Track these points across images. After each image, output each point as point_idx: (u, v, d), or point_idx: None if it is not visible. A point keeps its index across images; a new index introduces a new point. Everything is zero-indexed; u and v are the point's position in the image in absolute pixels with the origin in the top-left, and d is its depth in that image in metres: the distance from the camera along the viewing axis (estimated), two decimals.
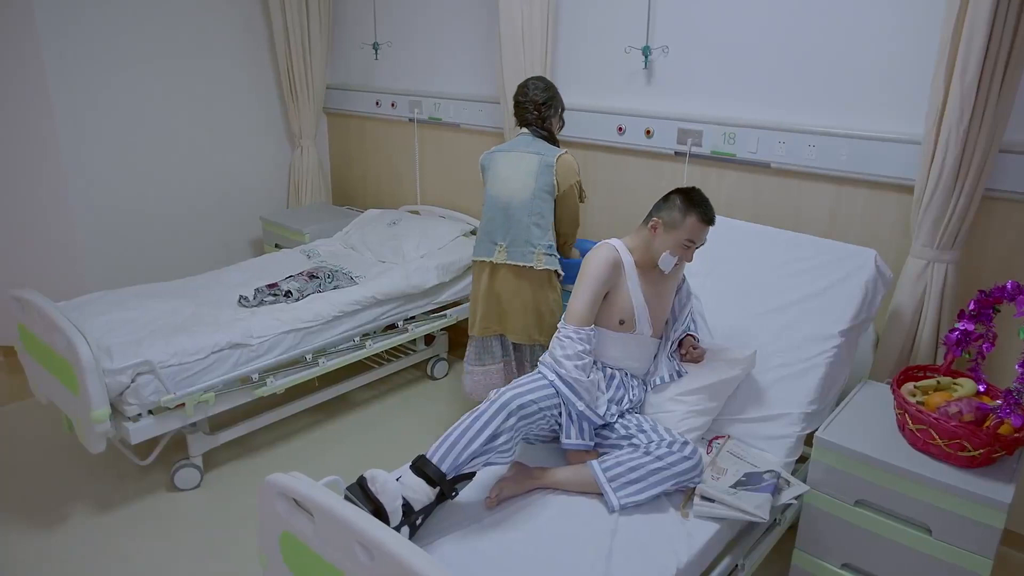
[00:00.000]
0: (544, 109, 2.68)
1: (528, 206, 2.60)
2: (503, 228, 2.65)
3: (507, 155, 2.66)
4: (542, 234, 2.61)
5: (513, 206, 2.62)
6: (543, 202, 2.61)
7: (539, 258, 2.60)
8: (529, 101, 2.67)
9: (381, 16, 3.87)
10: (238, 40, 4.02)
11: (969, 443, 1.73)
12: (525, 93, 2.69)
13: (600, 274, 2.03)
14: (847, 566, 1.93)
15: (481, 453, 1.75)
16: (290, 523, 1.59)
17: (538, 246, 2.60)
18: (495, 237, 2.67)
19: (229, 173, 4.13)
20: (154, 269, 3.75)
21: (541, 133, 2.69)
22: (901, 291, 2.29)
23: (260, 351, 2.69)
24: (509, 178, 2.63)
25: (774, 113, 2.60)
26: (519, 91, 2.71)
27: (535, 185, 2.59)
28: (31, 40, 3.27)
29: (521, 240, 2.62)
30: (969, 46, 1.95)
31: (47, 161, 3.44)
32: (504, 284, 2.67)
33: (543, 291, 2.64)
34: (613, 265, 2.04)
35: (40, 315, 2.45)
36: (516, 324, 2.68)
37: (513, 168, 2.63)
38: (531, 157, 2.61)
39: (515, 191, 2.62)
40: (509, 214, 2.63)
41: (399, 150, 4.03)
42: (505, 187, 2.64)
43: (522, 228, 2.61)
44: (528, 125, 2.70)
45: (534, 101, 2.67)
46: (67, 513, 2.54)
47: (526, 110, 2.69)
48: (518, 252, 2.62)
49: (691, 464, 1.86)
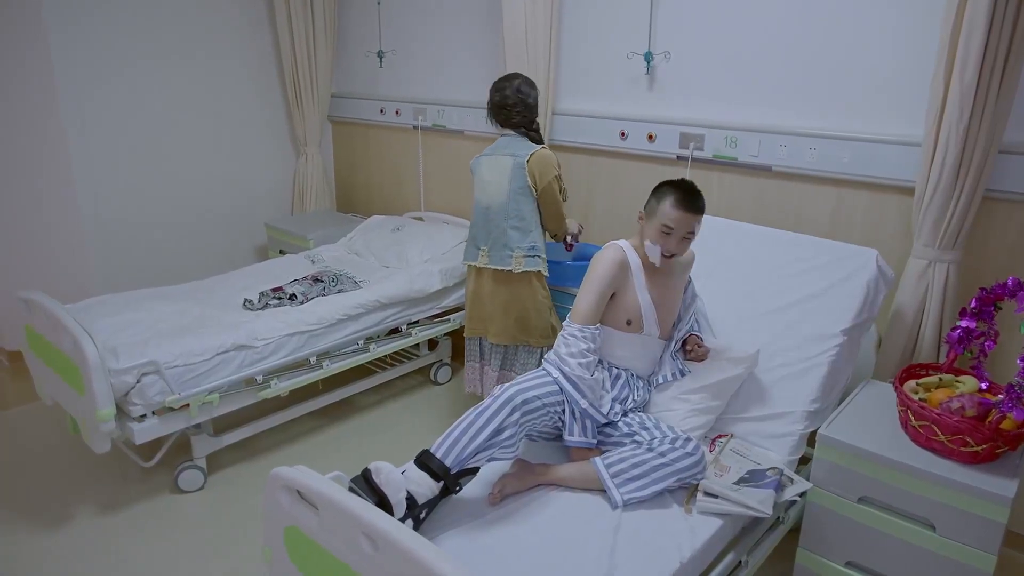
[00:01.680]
0: (533, 111, 2.69)
1: (504, 209, 2.62)
2: (484, 232, 2.69)
3: (488, 159, 2.69)
4: (521, 236, 2.63)
5: (492, 210, 2.65)
6: (520, 203, 2.61)
7: (518, 261, 2.63)
8: (520, 103, 2.66)
9: (386, 24, 3.92)
10: (244, 48, 4.06)
11: (972, 438, 1.73)
12: (517, 94, 2.64)
13: (606, 274, 2.04)
14: (851, 564, 1.93)
15: (485, 448, 1.75)
16: (295, 516, 1.59)
17: (516, 249, 2.62)
18: (478, 242, 2.73)
19: (234, 179, 4.17)
20: (159, 274, 3.77)
21: (528, 134, 2.69)
22: (903, 291, 2.29)
23: (265, 353, 2.70)
24: (488, 182, 2.67)
25: (775, 117, 2.62)
26: (504, 93, 2.65)
27: (509, 187, 2.61)
28: (41, 47, 3.31)
29: (500, 244, 2.65)
30: (968, 45, 1.97)
31: (55, 166, 3.48)
32: (486, 287, 2.72)
33: (525, 292, 2.66)
34: (620, 265, 2.05)
35: (47, 316, 2.47)
36: (497, 327, 2.73)
37: (491, 171, 2.66)
38: (506, 159, 2.62)
39: (493, 195, 2.65)
40: (488, 218, 2.67)
41: (403, 157, 4.06)
42: (484, 191, 2.68)
43: (500, 232, 2.64)
44: (513, 127, 2.68)
45: (524, 103, 2.66)
46: (72, 514, 2.54)
47: (515, 112, 2.66)
48: (497, 256, 2.65)
49: (694, 460, 1.86)
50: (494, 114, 2.71)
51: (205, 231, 4.08)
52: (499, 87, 2.69)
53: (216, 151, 4.06)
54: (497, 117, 2.71)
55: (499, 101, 2.68)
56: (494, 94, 2.70)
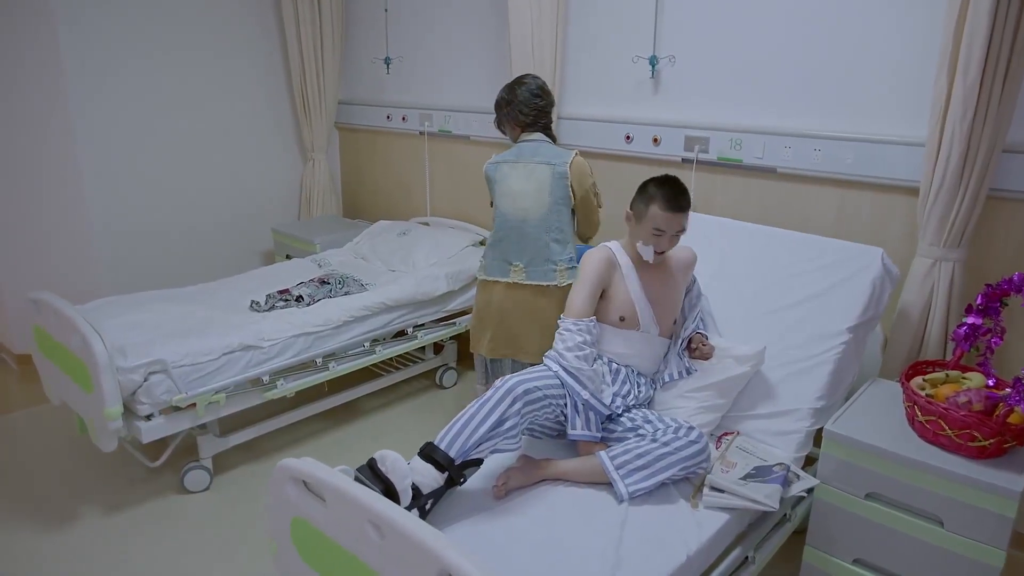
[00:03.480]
0: (550, 111, 2.60)
1: (545, 222, 2.48)
2: (518, 247, 2.52)
3: (515, 167, 2.51)
4: (562, 249, 2.50)
5: (529, 223, 2.49)
6: (562, 215, 2.49)
7: (562, 275, 2.50)
8: (548, 104, 2.55)
9: (393, 31, 3.96)
10: (253, 55, 4.11)
11: (979, 433, 1.73)
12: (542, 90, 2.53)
13: (593, 272, 2.10)
14: (859, 561, 1.91)
15: (488, 439, 1.76)
16: (301, 508, 1.60)
17: (559, 262, 2.50)
18: (509, 256, 2.54)
19: (242, 185, 4.21)
20: (166, 278, 3.79)
21: (546, 138, 2.58)
22: (909, 291, 2.29)
23: (271, 354, 2.71)
24: (521, 193, 2.50)
25: (780, 119, 2.64)
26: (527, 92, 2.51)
27: (550, 199, 2.47)
28: (52, 52, 3.36)
29: (541, 259, 2.50)
30: (971, 43, 1.98)
31: (64, 171, 3.52)
32: (520, 305, 2.55)
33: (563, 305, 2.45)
34: (606, 263, 2.11)
35: (56, 315, 2.48)
36: (532, 346, 2.56)
37: (524, 182, 2.49)
38: (542, 168, 2.47)
39: (529, 208, 2.49)
40: (524, 232, 2.50)
41: (409, 163, 4.08)
42: (516, 203, 2.51)
43: (541, 246, 2.49)
44: (542, 129, 2.57)
45: (539, 103, 2.54)
46: (78, 514, 2.54)
47: (539, 114, 2.52)
48: (538, 271, 2.50)
49: (698, 448, 1.86)
50: (521, 112, 2.51)
51: (212, 235, 4.11)
52: (522, 82, 2.54)
53: (224, 157, 4.10)
54: (522, 117, 2.52)
55: (526, 98, 2.51)
56: (518, 90, 2.52)
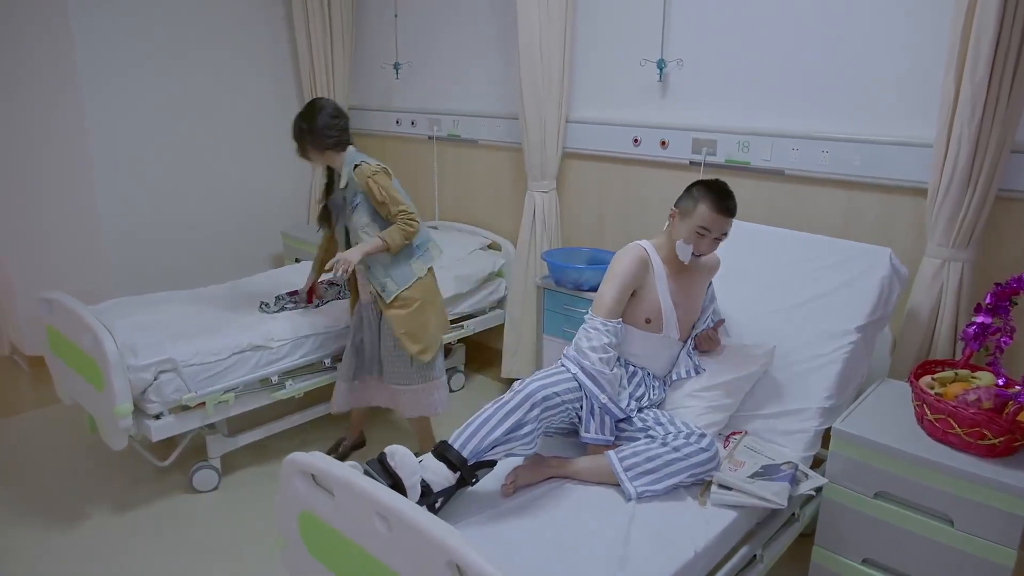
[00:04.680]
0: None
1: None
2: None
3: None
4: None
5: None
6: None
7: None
8: (346, 121, 2.61)
9: (402, 36, 3.99)
10: (263, 60, 4.16)
11: (989, 431, 1.72)
12: (336, 115, 2.55)
13: (629, 271, 2.04)
14: (868, 561, 1.90)
15: (503, 442, 1.76)
16: (309, 502, 1.61)
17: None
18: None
19: (252, 189, 4.24)
20: (176, 280, 3.82)
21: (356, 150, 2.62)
22: (917, 291, 2.29)
23: (280, 354, 2.73)
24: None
25: (787, 121, 2.64)
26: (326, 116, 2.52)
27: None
28: (67, 56, 3.41)
29: None
30: (978, 42, 1.99)
31: (77, 173, 3.56)
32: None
33: None
34: (642, 263, 2.06)
35: (68, 315, 2.51)
36: None
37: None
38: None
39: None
40: None
41: (418, 167, 4.10)
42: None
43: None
44: (340, 149, 2.59)
45: (341, 123, 2.58)
46: (87, 513, 2.56)
47: (342, 133, 2.57)
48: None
49: (708, 456, 1.86)
50: (327, 135, 2.53)
51: (222, 238, 4.15)
52: (318, 107, 2.56)
53: (234, 160, 4.14)
54: (328, 140, 2.54)
55: (327, 122, 2.53)
56: (318, 116, 2.53)
